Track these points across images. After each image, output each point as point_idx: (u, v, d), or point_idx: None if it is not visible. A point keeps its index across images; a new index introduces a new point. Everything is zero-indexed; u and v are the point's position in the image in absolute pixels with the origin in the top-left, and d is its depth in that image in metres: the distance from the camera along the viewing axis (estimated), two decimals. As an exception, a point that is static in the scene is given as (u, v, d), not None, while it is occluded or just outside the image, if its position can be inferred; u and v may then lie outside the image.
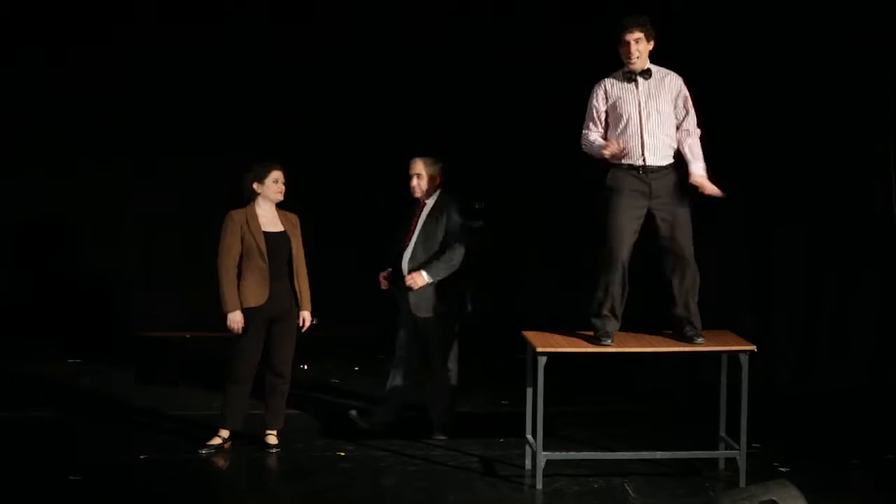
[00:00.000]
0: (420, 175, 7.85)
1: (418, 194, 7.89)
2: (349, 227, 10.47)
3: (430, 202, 7.90)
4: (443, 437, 7.86)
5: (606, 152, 7.02)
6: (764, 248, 9.27)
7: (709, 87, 9.02)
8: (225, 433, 7.64)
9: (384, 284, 7.95)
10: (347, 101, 10.56)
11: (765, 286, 9.25)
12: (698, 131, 7.16)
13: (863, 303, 9.12)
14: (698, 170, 7.12)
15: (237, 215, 7.53)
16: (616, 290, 7.07)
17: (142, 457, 7.47)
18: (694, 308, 7.17)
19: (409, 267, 7.81)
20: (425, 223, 7.85)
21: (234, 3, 10.62)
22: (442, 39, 10.48)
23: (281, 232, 7.58)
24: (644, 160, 7.03)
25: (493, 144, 10.72)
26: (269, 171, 7.56)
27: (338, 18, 10.59)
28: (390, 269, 7.92)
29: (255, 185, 7.57)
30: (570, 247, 10.18)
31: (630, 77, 7.10)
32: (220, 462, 7.51)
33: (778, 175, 9.16)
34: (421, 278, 7.73)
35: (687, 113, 7.14)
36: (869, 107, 9.01)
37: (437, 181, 7.90)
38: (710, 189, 7.13)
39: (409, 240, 7.85)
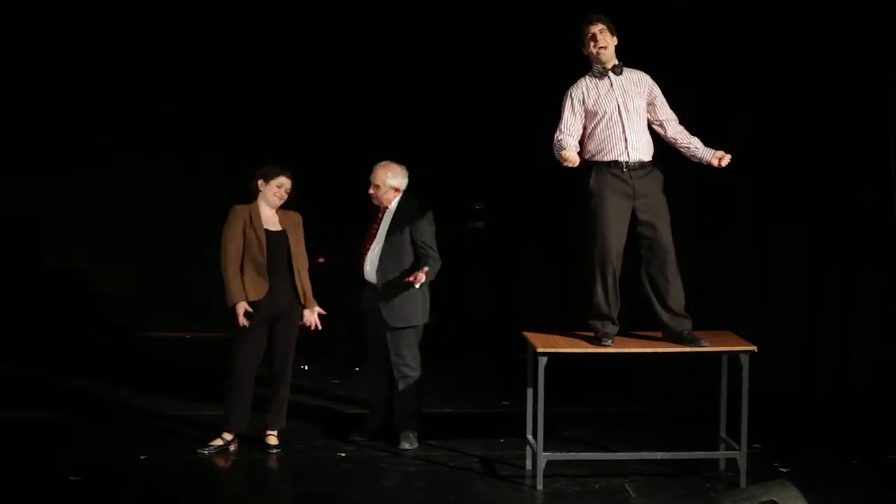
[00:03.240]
0: (378, 186, 7.76)
1: (376, 202, 7.83)
2: (348, 226, 10.46)
3: (392, 207, 7.82)
4: (408, 447, 7.75)
5: (564, 156, 6.87)
6: (764, 249, 9.27)
7: (710, 88, 9.07)
8: (228, 435, 7.65)
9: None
10: (347, 101, 10.57)
11: (765, 286, 9.25)
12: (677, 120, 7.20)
13: (863, 303, 9.12)
14: (708, 150, 7.11)
15: (241, 210, 7.56)
16: (610, 292, 7.06)
17: (142, 457, 7.48)
18: (683, 302, 7.15)
19: (377, 276, 7.74)
20: (389, 231, 7.78)
21: (234, 3, 10.61)
22: (442, 40, 10.48)
23: (280, 231, 7.60)
24: (628, 155, 7.01)
25: (492, 144, 10.72)
26: (275, 175, 7.58)
27: (338, 19, 10.59)
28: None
29: (259, 183, 7.60)
30: (570, 247, 10.18)
31: (602, 74, 7.07)
32: (221, 462, 7.51)
33: (778, 175, 9.16)
34: (423, 274, 7.69)
35: (664, 107, 7.15)
36: (870, 107, 9.00)
37: (399, 189, 7.81)
38: (727, 157, 7.09)
39: (370, 246, 7.78)
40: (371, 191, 7.79)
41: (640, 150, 7.05)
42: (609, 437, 7.94)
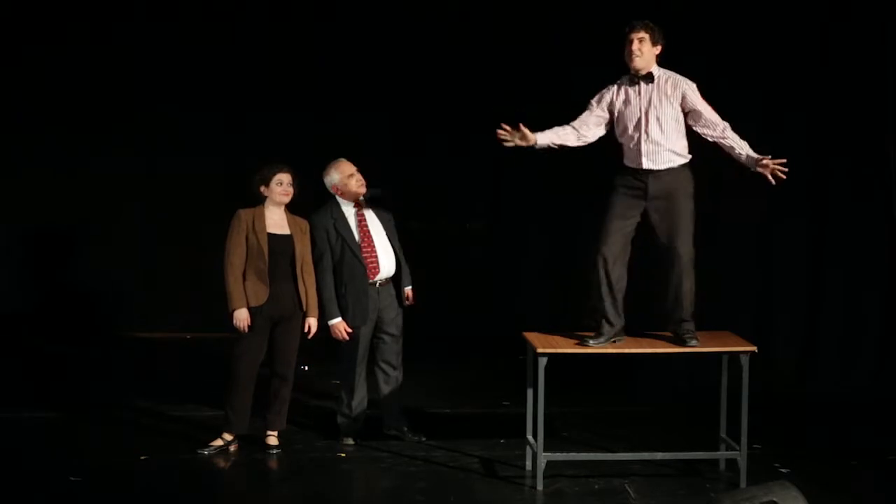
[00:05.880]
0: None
1: (358, 197, 7.81)
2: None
3: (361, 200, 7.85)
4: (423, 437, 7.87)
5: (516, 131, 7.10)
6: (765, 248, 9.27)
7: (712, 86, 9.06)
8: (228, 436, 7.65)
9: (343, 335, 7.73)
10: (347, 100, 10.56)
11: (766, 286, 9.25)
12: (724, 123, 7.09)
13: (864, 303, 9.13)
14: (751, 157, 7.04)
15: (244, 214, 7.55)
16: (609, 290, 7.06)
17: (142, 457, 7.48)
18: (689, 308, 7.15)
19: (393, 266, 7.79)
20: (382, 223, 7.82)
21: (234, 2, 10.61)
22: (442, 40, 10.47)
23: (286, 235, 7.58)
24: (640, 165, 7.04)
25: (492, 144, 10.70)
26: (273, 174, 7.58)
27: (338, 18, 10.59)
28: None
29: (261, 189, 7.59)
30: (570, 247, 10.18)
31: (633, 81, 7.09)
32: (221, 463, 7.51)
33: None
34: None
35: (703, 113, 7.08)
36: (870, 106, 9.01)
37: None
38: (775, 164, 7.00)
39: (371, 240, 7.75)
40: (364, 188, 7.80)
41: (656, 160, 7.04)
42: (609, 437, 7.94)
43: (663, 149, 7.05)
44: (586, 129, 7.21)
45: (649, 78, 7.08)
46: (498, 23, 10.40)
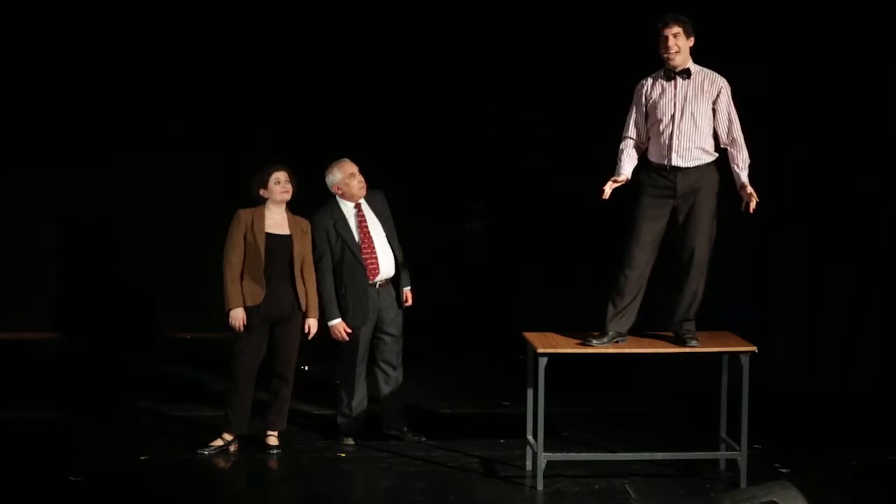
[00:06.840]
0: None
1: (358, 199, 7.81)
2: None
3: (363, 202, 7.85)
4: (423, 437, 7.88)
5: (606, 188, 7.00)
6: (766, 249, 9.27)
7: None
8: (228, 436, 7.65)
9: (343, 335, 7.75)
10: (347, 101, 10.56)
11: (766, 287, 9.25)
12: (739, 133, 7.06)
13: (864, 304, 9.12)
14: (740, 177, 7.03)
15: (244, 214, 7.56)
16: (628, 288, 7.05)
17: (142, 458, 7.48)
18: (693, 310, 7.15)
19: (393, 266, 7.79)
20: (380, 220, 7.81)
21: (234, 2, 10.60)
22: (442, 39, 10.47)
23: (285, 235, 7.58)
24: (669, 161, 7.00)
25: (493, 144, 10.72)
26: (270, 174, 7.59)
27: (338, 18, 10.58)
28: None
29: (261, 191, 7.59)
30: (570, 247, 10.18)
31: (669, 76, 7.04)
32: (221, 463, 7.51)
33: (780, 175, 9.16)
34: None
35: (730, 123, 7.06)
36: (872, 107, 9.01)
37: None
38: (753, 200, 7.01)
39: (371, 241, 7.76)
40: (364, 189, 7.79)
41: (686, 157, 7.00)
42: (609, 437, 7.94)
43: (694, 146, 7.00)
44: (642, 133, 7.13)
45: (686, 74, 7.04)
46: (498, 23, 10.40)
